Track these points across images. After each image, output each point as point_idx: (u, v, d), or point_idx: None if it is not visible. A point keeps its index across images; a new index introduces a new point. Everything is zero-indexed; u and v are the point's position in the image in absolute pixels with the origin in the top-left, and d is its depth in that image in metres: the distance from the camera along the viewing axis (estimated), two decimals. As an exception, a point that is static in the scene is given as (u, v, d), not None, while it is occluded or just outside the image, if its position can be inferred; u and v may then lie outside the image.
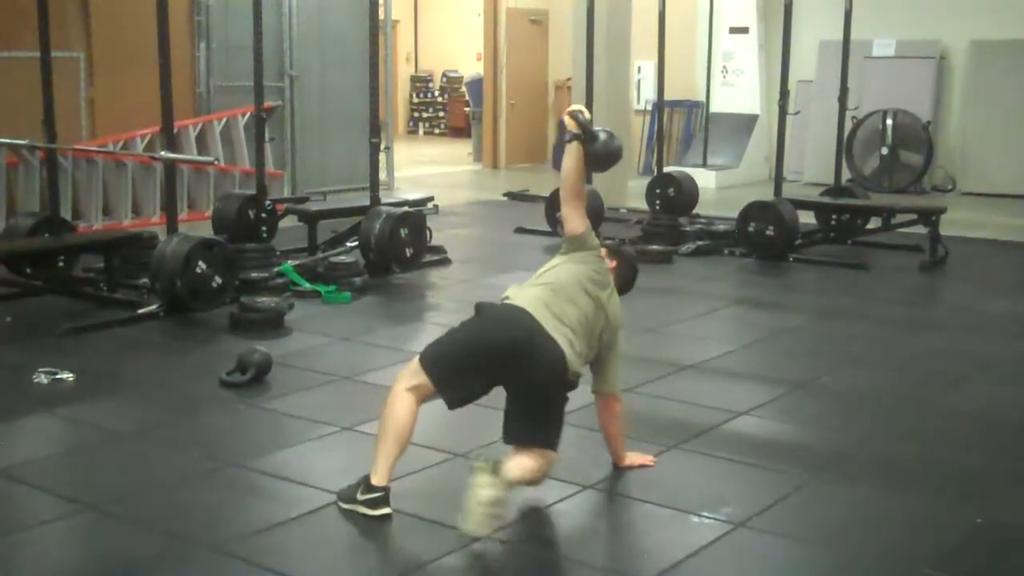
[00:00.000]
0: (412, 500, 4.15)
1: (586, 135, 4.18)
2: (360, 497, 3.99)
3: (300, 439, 4.91)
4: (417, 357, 4.06)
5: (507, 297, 4.16)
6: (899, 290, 8.52)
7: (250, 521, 4.04)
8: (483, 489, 3.72)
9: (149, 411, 5.37)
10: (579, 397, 5.47)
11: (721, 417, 5.23)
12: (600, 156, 4.20)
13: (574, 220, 4.33)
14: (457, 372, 4.01)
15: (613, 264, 4.43)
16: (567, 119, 4.22)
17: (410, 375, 4.02)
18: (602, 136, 4.17)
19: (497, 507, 3.74)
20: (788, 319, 7.46)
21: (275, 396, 5.51)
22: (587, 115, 4.22)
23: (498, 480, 3.76)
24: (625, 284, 4.53)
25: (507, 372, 3.98)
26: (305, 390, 5.63)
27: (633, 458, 4.52)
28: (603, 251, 4.41)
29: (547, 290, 4.13)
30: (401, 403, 3.99)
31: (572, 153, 4.25)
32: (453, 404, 4.09)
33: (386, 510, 3.97)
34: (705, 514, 4.08)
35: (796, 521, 4.13)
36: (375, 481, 3.98)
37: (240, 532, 3.94)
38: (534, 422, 4.04)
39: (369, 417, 5.15)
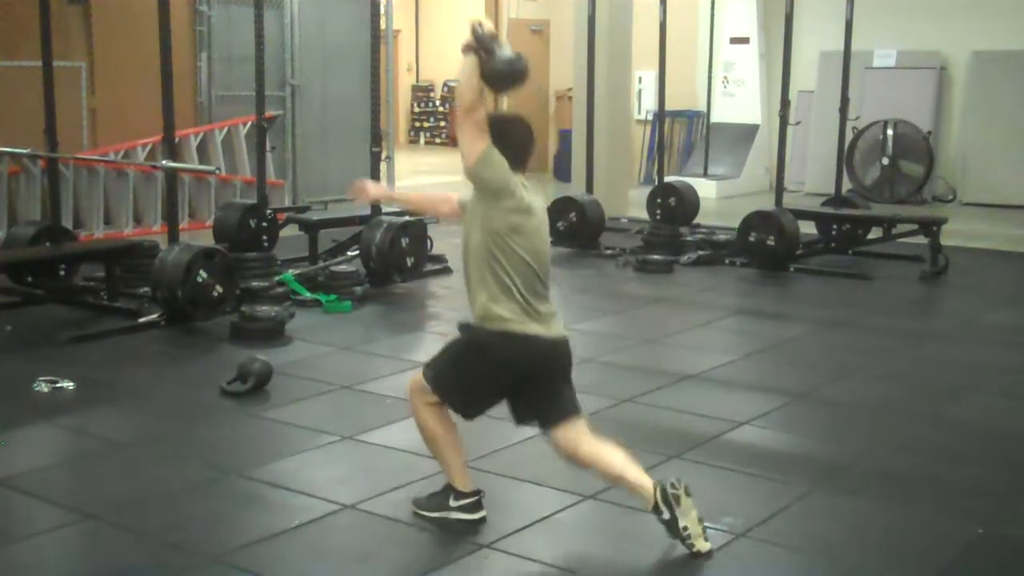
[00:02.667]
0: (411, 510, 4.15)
1: (483, 48, 3.78)
2: (453, 504, 4.01)
3: (300, 448, 4.91)
4: (422, 376, 3.98)
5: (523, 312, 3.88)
6: (900, 300, 8.51)
7: (250, 530, 4.04)
8: (695, 511, 3.79)
9: (149, 420, 5.37)
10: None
11: (722, 427, 5.23)
12: (495, 74, 3.78)
13: (466, 145, 3.79)
14: (476, 402, 3.99)
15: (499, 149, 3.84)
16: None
17: (423, 392, 3.97)
18: (503, 52, 3.78)
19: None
20: (789, 329, 7.46)
21: (275, 405, 5.51)
22: (488, 27, 3.81)
23: (692, 498, 3.82)
24: (521, 148, 3.93)
25: (533, 381, 3.95)
26: (305, 399, 5.63)
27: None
28: (483, 146, 3.79)
29: (537, 272, 3.87)
30: (433, 418, 3.97)
31: (467, 64, 3.79)
32: (471, 417, 4.06)
33: (483, 513, 4.03)
34: (706, 524, 4.07)
35: (797, 532, 4.12)
36: (462, 488, 4.01)
37: (241, 542, 3.93)
38: (569, 392, 3.98)
39: (369, 426, 5.17)
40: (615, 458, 3.90)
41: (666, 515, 3.76)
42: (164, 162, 7.34)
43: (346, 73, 12.97)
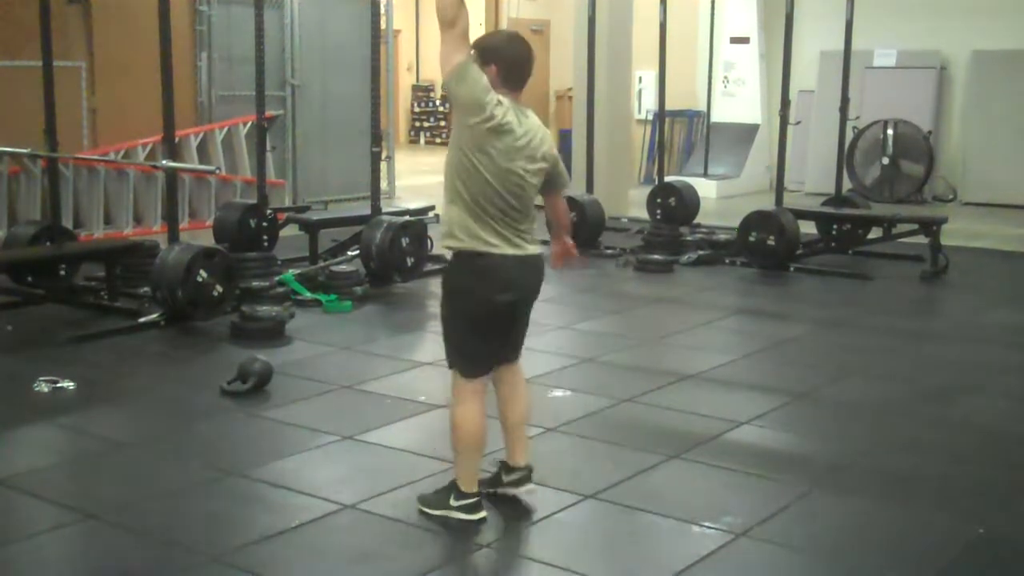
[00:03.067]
0: (413, 510, 4.15)
1: None
2: (455, 503, 4.03)
3: (301, 448, 4.91)
4: (460, 374, 4.00)
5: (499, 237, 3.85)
6: (900, 300, 8.51)
7: (251, 530, 4.04)
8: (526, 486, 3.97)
9: (149, 420, 5.37)
10: (579, 406, 5.49)
11: (722, 427, 5.23)
12: None
13: (444, 56, 3.69)
14: (476, 355, 3.99)
15: (493, 69, 3.79)
16: None
17: (467, 390, 3.99)
18: None
19: None
20: (789, 329, 7.46)
21: (276, 405, 5.50)
22: None
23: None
24: (519, 69, 3.86)
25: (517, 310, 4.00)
26: (306, 399, 5.63)
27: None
28: (470, 57, 3.72)
29: (495, 206, 3.81)
30: (475, 411, 3.98)
31: None
32: (490, 369, 4.10)
33: (484, 514, 4.04)
34: (706, 524, 4.08)
35: (797, 531, 4.12)
36: (465, 488, 4.02)
37: (241, 541, 3.93)
38: (523, 332, 4.11)
39: (370, 426, 5.17)
40: (526, 403, 4.06)
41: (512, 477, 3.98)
42: (164, 162, 7.34)
43: (346, 73, 12.97)
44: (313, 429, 5.13)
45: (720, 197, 14.01)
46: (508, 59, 3.82)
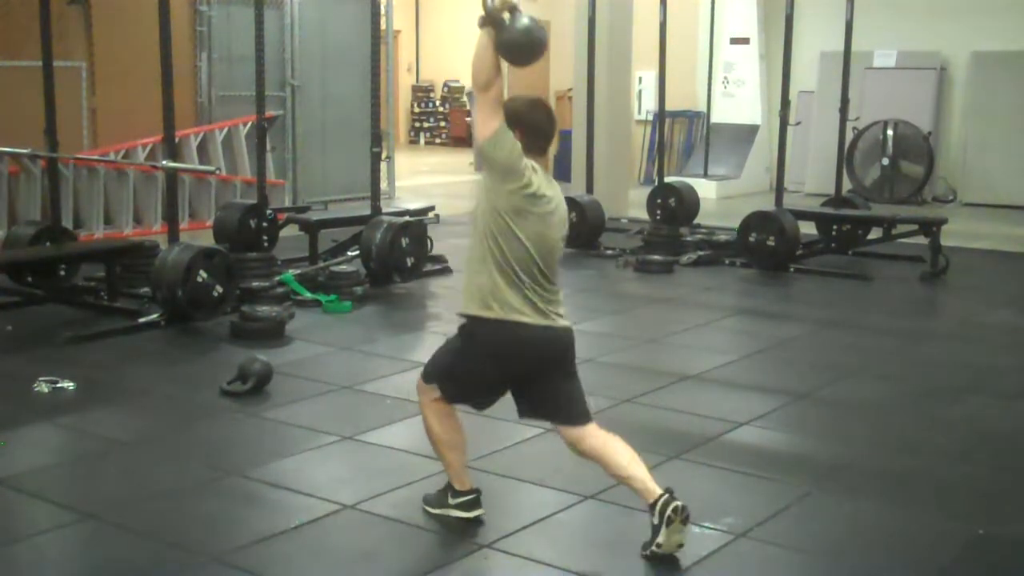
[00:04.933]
0: (413, 510, 4.15)
1: (493, 22, 3.65)
2: (452, 502, 4.05)
3: (301, 448, 4.91)
4: (422, 377, 4.04)
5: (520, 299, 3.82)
6: (900, 301, 8.51)
7: (251, 530, 4.04)
8: (678, 536, 3.75)
9: (149, 420, 5.37)
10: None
11: (722, 427, 5.23)
12: (510, 45, 3.64)
13: (480, 122, 3.70)
14: (467, 391, 4.01)
15: (517, 134, 3.76)
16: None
17: (428, 388, 4.02)
18: (518, 23, 3.63)
19: None
20: (789, 330, 7.46)
21: (276, 405, 5.50)
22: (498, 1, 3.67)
23: (685, 528, 3.78)
24: (542, 135, 3.88)
25: (538, 376, 3.94)
26: (306, 399, 5.63)
27: None
28: (496, 124, 3.71)
29: (536, 266, 3.81)
30: (436, 417, 4.00)
31: (481, 38, 3.69)
32: (481, 408, 4.09)
33: (480, 511, 4.05)
34: (706, 524, 4.08)
35: (797, 532, 4.12)
36: (459, 487, 4.05)
37: (241, 541, 3.93)
38: (572, 396, 3.95)
39: (369, 426, 5.17)
40: (621, 456, 3.86)
41: (655, 520, 3.75)
42: (164, 162, 7.34)
43: (346, 73, 12.98)
44: (313, 429, 5.13)
45: (720, 198, 14.01)
46: (532, 124, 3.83)
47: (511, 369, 3.89)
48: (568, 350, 3.94)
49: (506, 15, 3.64)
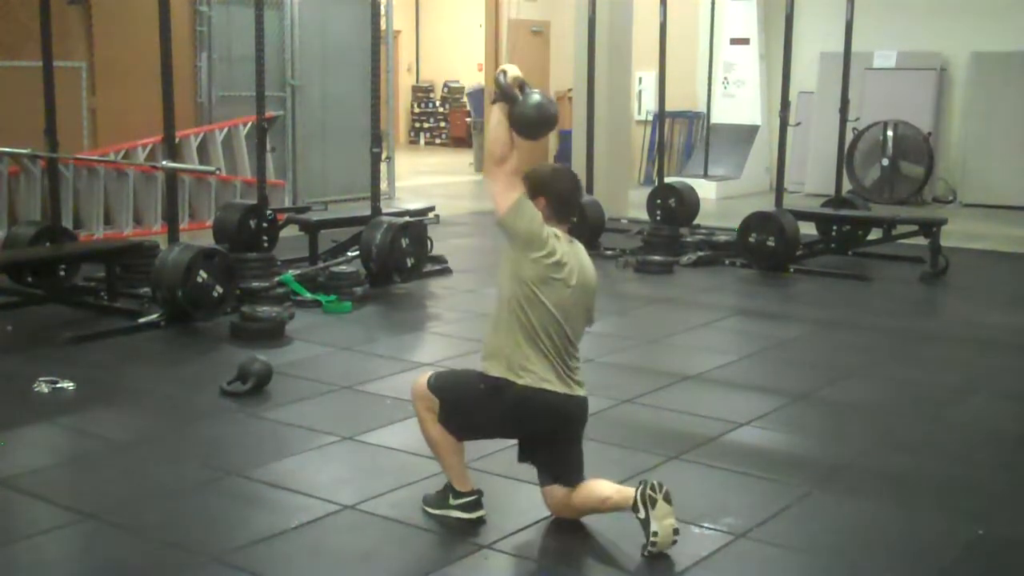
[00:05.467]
0: (413, 510, 4.15)
1: (505, 98, 3.83)
2: (453, 503, 4.05)
3: (300, 449, 4.91)
4: (425, 382, 4.05)
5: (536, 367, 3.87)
6: (900, 301, 8.51)
7: (251, 531, 4.04)
8: (669, 519, 3.74)
9: (149, 420, 5.37)
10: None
11: (722, 428, 5.23)
12: (523, 120, 3.81)
13: (498, 196, 3.81)
14: (472, 431, 4.05)
15: (541, 202, 3.88)
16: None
17: (426, 398, 4.02)
18: (530, 99, 3.81)
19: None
20: (789, 330, 7.46)
21: (275, 406, 5.50)
22: (511, 75, 3.85)
23: (672, 506, 3.77)
24: (567, 205, 4.00)
25: (544, 438, 4.00)
26: (305, 400, 5.63)
27: None
28: (516, 196, 3.80)
29: (560, 338, 3.89)
30: (431, 423, 4.02)
31: (494, 114, 3.87)
32: (461, 440, 4.08)
33: (481, 512, 4.04)
34: (706, 525, 4.08)
35: (797, 532, 4.12)
36: (461, 488, 4.05)
37: (241, 542, 3.93)
38: (580, 454, 4.04)
39: (369, 427, 5.17)
40: (601, 489, 3.93)
41: (641, 513, 3.76)
42: (164, 162, 7.34)
43: (346, 73, 12.98)
44: (313, 429, 5.13)
45: (720, 198, 14.01)
46: (556, 194, 3.93)
47: (526, 429, 3.99)
48: (583, 419, 4.03)
49: (517, 91, 3.81)
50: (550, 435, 3.97)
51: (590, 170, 10.90)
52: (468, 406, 3.98)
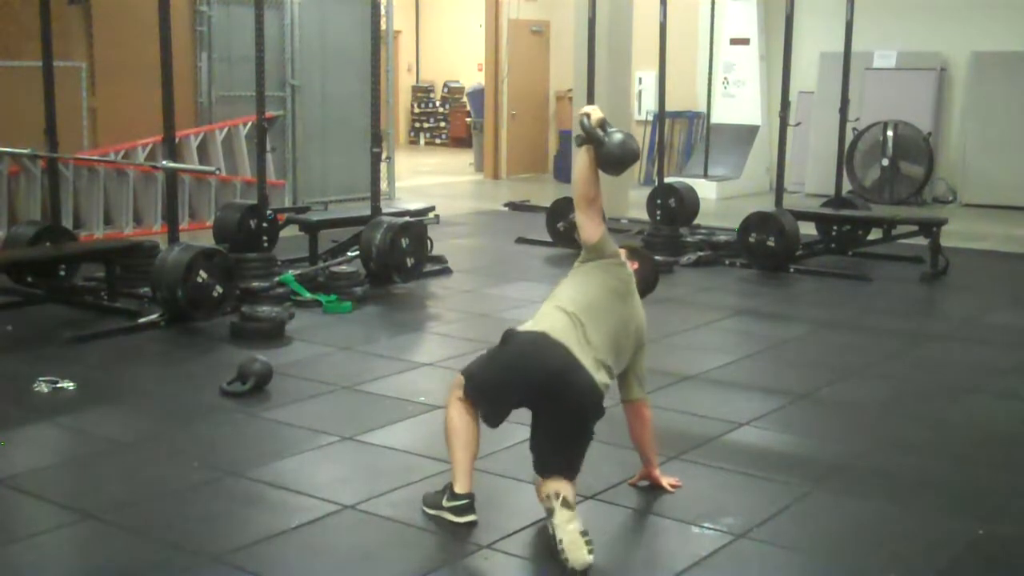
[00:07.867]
0: (413, 510, 4.15)
1: (592, 139, 4.05)
2: (446, 504, 4.05)
3: (300, 449, 4.91)
4: (461, 371, 4.11)
5: (535, 321, 4.07)
6: (900, 301, 8.51)
7: (251, 531, 4.04)
8: (572, 524, 3.73)
9: (149, 420, 5.37)
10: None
11: (722, 428, 5.23)
12: (610, 159, 4.02)
13: (588, 227, 4.15)
14: (492, 395, 4.01)
15: (635, 266, 4.35)
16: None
17: (457, 385, 4.07)
18: (613, 138, 4.01)
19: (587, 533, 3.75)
20: (789, 330, 7.46)
21: (275, 406, 5.50)
22: (595, 118, 4.07)
23: (575, 511, 3.78)
24: (647, 286, 4.50)
25: (542, 401, 3.95)
26: (305, 400, 5.63)
27: (662, 477, 4.48)
28: (623, 252, 4.31)
29: (573, 312, 4.01)
30: (458, 412, 4.03)
31: (581, 156, 4.11)
32: (490, 421, 4.06)
33: (472, 517, 4.02)
34: (706, 525, 4.08)
35: (797, 532, 4.12)
36: (458, 489, 4.03)
37: (241, 542, 3.93)
38: (569, 451, 4.00)
39: (369, 426, 5.17)
40: (545, 489, 3.89)
41: (550, 528, 3.79)
42: (164, 162, 7.34)
43: (346, 73, 12.99)
44: (313, 429, 5.13)
45: (720, 198, 14.01)
46: (646, 273, 4.51)
47: (520, 372, 3.95)
48: (584, 399, 3.96)
49: (601, 132, 4.03)
50: (544, 391, 3.88)
51: (590, 170, 10.88)
52: (483, 361, 4.07)
